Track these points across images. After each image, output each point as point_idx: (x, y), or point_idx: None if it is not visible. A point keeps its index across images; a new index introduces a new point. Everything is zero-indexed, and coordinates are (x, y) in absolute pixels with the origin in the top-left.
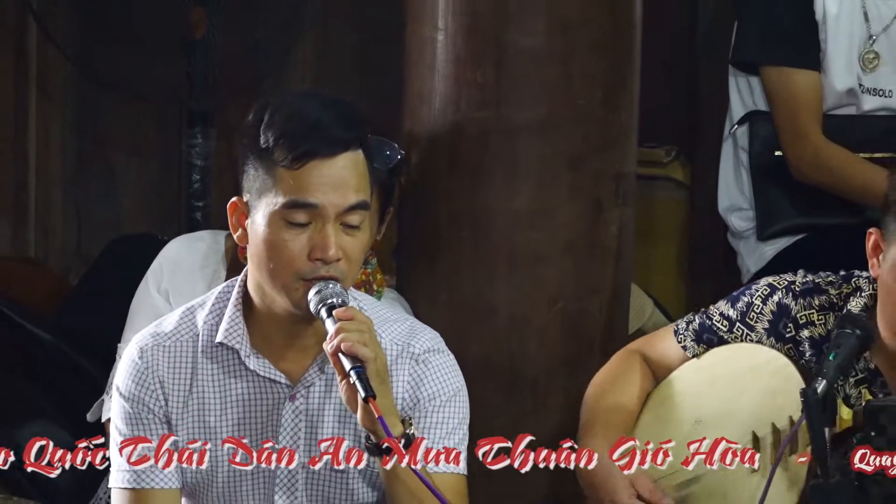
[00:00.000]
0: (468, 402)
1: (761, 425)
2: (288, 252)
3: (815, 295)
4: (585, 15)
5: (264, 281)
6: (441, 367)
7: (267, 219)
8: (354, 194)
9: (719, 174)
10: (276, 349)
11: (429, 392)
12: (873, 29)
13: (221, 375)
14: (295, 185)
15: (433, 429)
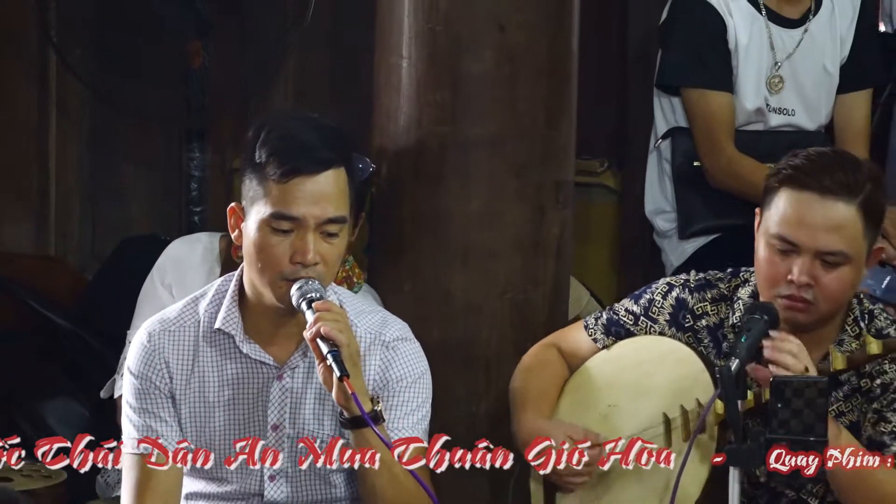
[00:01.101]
0: (431, 384)
1: (670, 408)
2: (273, 255)
3: (707, 289)
4: (529, 45)
5: (254, 277)
6: (408, 354)
7: (257, 224)
8: (333, 208)
9: (646, 182)
10: (265, 336)
11: (397, 374)
12: (778, 56)
13: (219, 357)
14: (281, 198)
15: (401, 406)
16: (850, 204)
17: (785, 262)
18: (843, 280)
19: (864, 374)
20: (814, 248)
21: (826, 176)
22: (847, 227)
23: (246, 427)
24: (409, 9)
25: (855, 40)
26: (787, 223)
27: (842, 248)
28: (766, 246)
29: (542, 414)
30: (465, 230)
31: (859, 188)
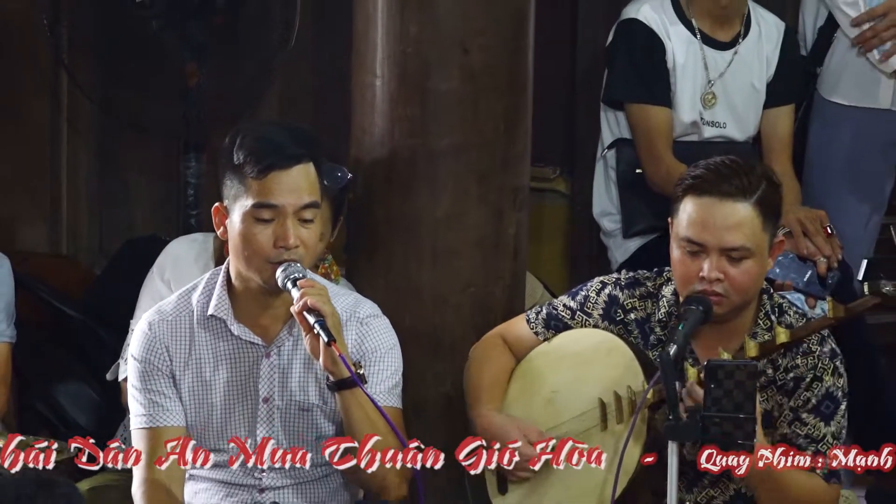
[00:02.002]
0: (401, 355)
1: (605, 393)
2: (258, 242)
3: (636, 287)
4: (489, 65)
5: (241, 265)
6: (380, 328)
7: (241, 217)
8: (307, 196)
9: (593, 187)
10: (253, 318)
11: (371, 346)
12: (711, 75)
13: (213, 340)
14: (260, 191)
15: (376, 374)
16: (747, 203)
17: (696, 262)
18: (749, 272)
19: (779, 368)
20: (719, 246)
21: (724, 182)
22: (746, 224)
23: (239, 401)
24: (382, 33)
25: (779, 61)
26: (694, 226)
27: (744, 244)
28: (678, 248)
29: (495, 404)
30: (433, 231)
31: (754, 188)
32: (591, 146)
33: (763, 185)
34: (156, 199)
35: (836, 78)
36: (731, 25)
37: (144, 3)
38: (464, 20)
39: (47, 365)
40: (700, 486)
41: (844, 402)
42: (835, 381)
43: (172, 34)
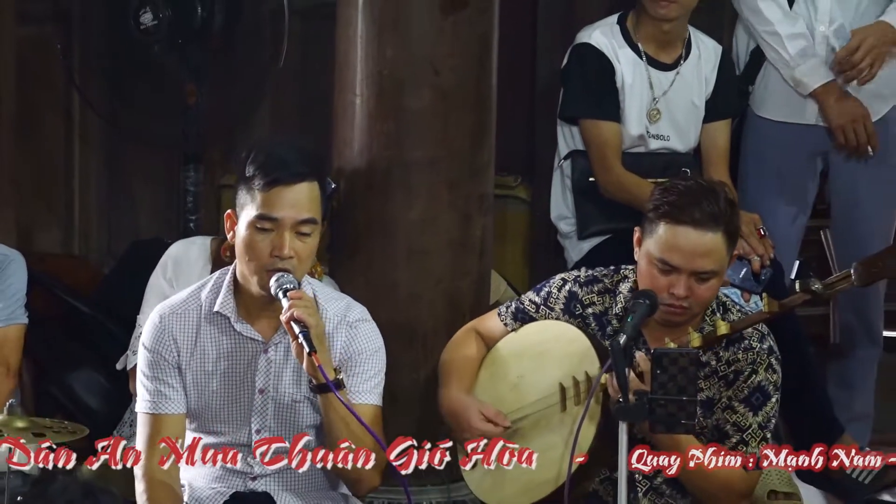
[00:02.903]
0: (385, 357)
1: (565, 378)
2: (257, 250)
3: (594, 284)
4: (458, 85)
5: (243, 269)
6: (367, 332)
7: (245, 225)
8: (307, 212)
9: (551, 194)
10: (254, 317)
11: (358, 348)
12: (656, 94)
13: (217, 334)
14: (264, 203)
15: (361, 374)
16: (717, 232)
17: (666, 278)
18: (712, 288)
19: (721, 360)
20: (690, 270)
21: (696, 209)
22: (716, 251)
23: (238, 391)
24: (362, 56)
25: (717, 80)
26: (668, 250)
27: (713, 268)
28: (649, 264)
29: (463, 387)
30: (408, 233)
31: (723, 217)
32: (549, 157)
33: (728, 211)
34: (158, 205)
35: (766, 96)
36: (674, 49)
37: (148, 30)
38: (434, 45)
39: (61, 355)
40: None
41: (775, 397)
42: (768, 376)
43: (173, 57)
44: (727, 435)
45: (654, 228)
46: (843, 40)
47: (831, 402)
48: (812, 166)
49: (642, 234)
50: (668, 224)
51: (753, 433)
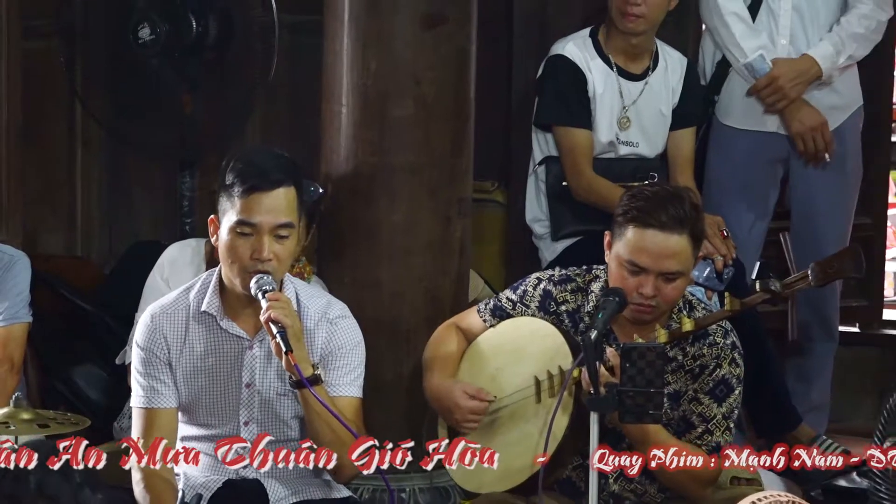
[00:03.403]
0: (364, 351)
1: (540, 371)
2: (238, 253)
3: (568, 282)
4: (438, 96)
5: (226, 271)
6: (347, 328)
7: (227, 230)
8: (284, 216)
9: (526, 197)
10: (239, 315)
11: (338, 343)
12: (626, 102)
13: (205, 332)
14: (243, 209)
15: (341, 368)
16: (683, 235)
17: (635, 279)
18: (678, 288)
19: (688, 355)
20: (657, 271)
21: (662, 213)
22: (681, 252)
23: (225, 386)
24: (347, 69)
25: (683, 90)
26: (637, 253)
27: (679, 269)
28: (619, 266)
29: (445, 376)
30: (391, 235)
31: (688, 221)
32: (524, 163)
33: (693, 214)
34: (156, 209)
35: (730, 105)
36: (642, 60)
37: (146, 44)
38: (416, 57)
39: (65, 350)
40: (619, 448)
41: (738, 389)
42: (731, 370)
43: (169, 70)
44: (693, 425)
45: (623, 232)
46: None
47: (790, 393)
48: (773, 172)
49: (612, 237)
50: (637, 228)
51: (718, 423)
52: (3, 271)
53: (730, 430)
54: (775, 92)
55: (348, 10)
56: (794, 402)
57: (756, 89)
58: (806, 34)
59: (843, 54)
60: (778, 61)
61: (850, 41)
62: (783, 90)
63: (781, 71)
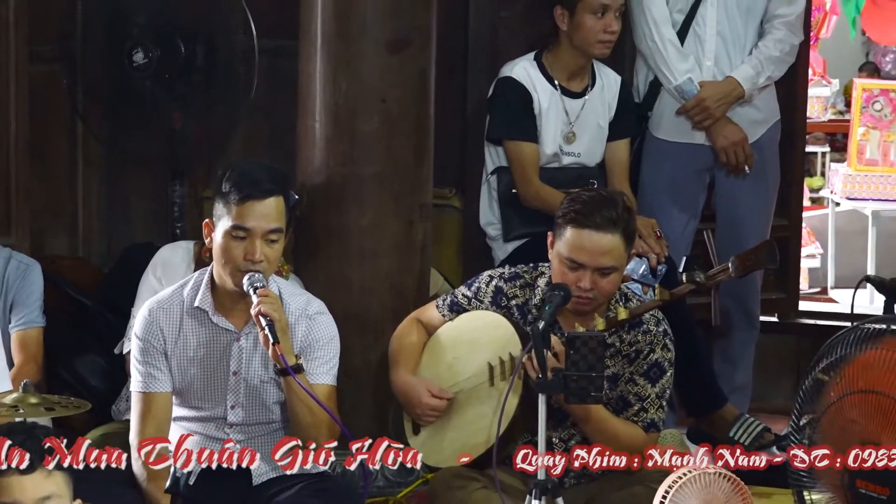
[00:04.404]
0: (339, 344)
1: (493, 358)
2: (232, 255)
3: (517, 279)
4: (402, 112)
5: (220, 270)
6: (324, 323)
7: (222, 233)
8: (275, 222)
9: (480, 203)
10: (228, 311)
11: (316, 337)
12: (570, 118)
13: (197, 325)
14: (238, 215)
15: (319, 358)
16: (616, 234)
17: (574, 274)
18: (613, 282)
19: (624, 342)
20: (593, 266)
21: (597, 215)
22: (615, 249)
23: (215, 373)
24: (320, 88)
25: (618, 106)
26: (575, 250)
27: (613, 264)
28: (560, 263)
29: (409, 369)
30: (360, 238)
31: (620, 221)
32: (478, 172)
33: (625, 215)
34: (150, 214)
35: (662, 120)
36: (582, 80)
37: (140, 67)
38: (382, 78)
39: (69, 342)
40: (564, 426)
41: (670, 371)
42: (663, 354)
43: (161, 90)
44: (630, 404)
45: (562, 232)
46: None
47: (716, 375)
48: (701, 179)
49: (554, 237)
50: (574, 228)
51: (651, 402)
52: (20, 279)
53: (662, 408)
54: (702, 111)
55: (321, 36)
56: (720, 383)
57: (685, 109)
58: (729, 57)
59: (762, 75)
60: (705, 84)
61: (768, 63)
62: (709, 110)
63: (708, 93)
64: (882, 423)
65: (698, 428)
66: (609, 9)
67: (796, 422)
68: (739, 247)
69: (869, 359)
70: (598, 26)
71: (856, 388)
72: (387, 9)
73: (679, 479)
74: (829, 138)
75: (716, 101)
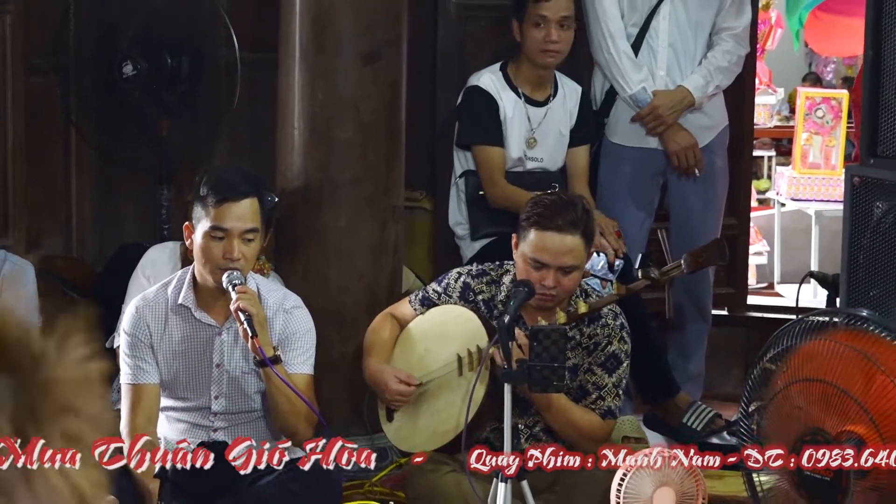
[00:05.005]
0: (315, 335)
1: (462, 350)
2: (212, 254)
3: (483, 276)
4: (374, 120)
5: (200, 269)
6: (301, 316)
7: (201, 235)
8: (250, 223)
9: (449, 205)
10: (209, 307)
11: (293, 329)
12: (532, 124)
13: (181, 321)
14: (216, 216)
15: (296, 349)
16: (576, 235)
17: (538, 273)
18: (575, 279)
19: (584, 334)
20: (556, 266)
21: (559, 217)
22: (576, 249)
23: (199, 366)
24: (298, 98)
25: (578, 114)
26: (538, 251)
27: (574, 263)
28: (525, 262)
29: (381, 359)
30: (337, 238)
31: (580, 223)
32: (447, 175)
33: (585, 217)
34: (139, 217)
35: (617, 126)
36: (545, 89)
37: (129, 78)
38: (356, 89)
39: None
40: (528, 413)
41: (626, 362)
42: (620, 346)
43: (149, 100)
44: (588, 392)
45: (526, 234)
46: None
47: (670, 365)
48: (655, 181)
49: (518, 238)
50: (538, 230)
51: (609, 391)
52: (15, 280)
53: (619, 397)
54: (656, 119)
55: (299, 49)
56: (674, 373)
57: (640, 116)
58: (680, 67)
59: (711, 84)
60: (658, 93)
61: (717, 73)
62: (662, 117)
63: (661, 101)
64: (825, 409)
65: (654, 414)
66: (548, 20)
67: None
68: (691, 244)
69: (813, 349)
70: (540, 37)
71: (801, 377)
72: (360, 24)
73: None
74: (774, 143)
75: (668, 108)
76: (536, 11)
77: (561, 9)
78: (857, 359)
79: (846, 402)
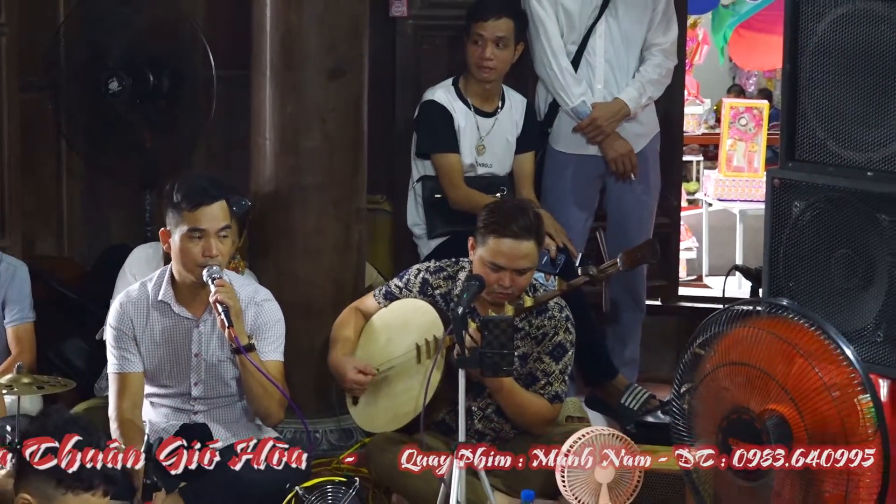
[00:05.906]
0: (284, 326)
1: (420, 339)
2: (192, 253)
3: (441, 272)
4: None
5: (180, 268)
6: (271, 308)
7: (179, 237)
8: (223, 221)
9: (407, 207)
10: (187, 301)
11: (264, 320)
12: (482, 134)
13: (161, 316)
14: (192, 219)
15: (268, 338)
16: (531, 240)
17: (495, 275)
18: (528, 279)
19: (533, 325)
20: (512, 268)
21: (514, 224)
22: (530, 253)
23: (179, 356)
24: (270, 111)
25: (524, 124)
26: (497, 256)
27: (528, 265)
28: (483, 265)
29: (345, 352)
30: (305, 239)
31: (534, 228)
32: (405, 181)
33: (537, 222)
34: (125, 220)
35: (560, 135)
36: (493, 101)
37: (115, 93)
38: (322, 101)
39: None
40: (481, 396)
41: (571, 351)
42: (565, 336)
43: (134, 113)
44: (537, 378)
45: (485, 240)
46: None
47: (608, 351)
48: (595, 185)
49: (475, 243)
50: (495, 237)
51: (556, 377)
52: (10, 279)
53: (565, 382)
54: (595, 129)
55: (269, 66)
56: (612, 358)
57: (580, 127)
58: (616, 80)
59: (644, 96)
60: (596, 105)
61: (649, 85)
62: (601, 128)
63: (599, 113)
64: (750, 390)
65: (595, 395)
66: (485, 39)
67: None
68: (627, 243)
69: (738, 335)
70: (476, 53)
71: (727, 361)
72: (325, 43)
73: (579, 439)
74: (702, 149)
75: (606, 119)
76: (475, 30)
77: (497, 30)
78: (778, 344)
79: (769, 383)
